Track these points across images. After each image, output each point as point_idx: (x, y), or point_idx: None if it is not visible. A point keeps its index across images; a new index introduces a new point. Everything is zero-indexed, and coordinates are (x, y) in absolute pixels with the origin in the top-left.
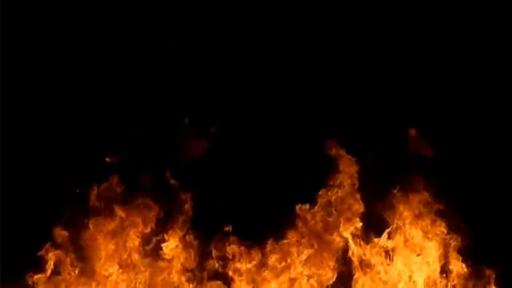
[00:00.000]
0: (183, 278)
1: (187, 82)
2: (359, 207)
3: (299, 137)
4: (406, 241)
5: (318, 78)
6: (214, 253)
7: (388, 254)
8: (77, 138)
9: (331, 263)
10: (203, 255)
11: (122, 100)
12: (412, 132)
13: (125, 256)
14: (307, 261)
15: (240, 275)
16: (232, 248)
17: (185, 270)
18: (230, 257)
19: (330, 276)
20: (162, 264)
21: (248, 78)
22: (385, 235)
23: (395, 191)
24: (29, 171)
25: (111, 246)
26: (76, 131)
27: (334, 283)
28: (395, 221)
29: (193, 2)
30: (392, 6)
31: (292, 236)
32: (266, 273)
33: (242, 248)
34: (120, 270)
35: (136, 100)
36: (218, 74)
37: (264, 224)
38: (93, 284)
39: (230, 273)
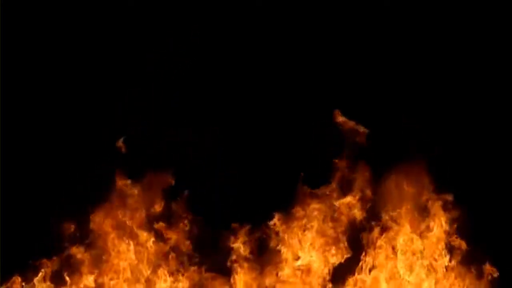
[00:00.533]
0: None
1: (187, 82)
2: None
3: (300, 128)
4: (407, 219)
5: (318, 76)
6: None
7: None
8: (77, 136)
9: (341, 243)
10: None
11: (122, 100)
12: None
13: (132, 243)
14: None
15: (244, 261)
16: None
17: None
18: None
19: (340, 255)
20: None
21: (248, 77)
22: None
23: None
24: (30, 169)
25: (120, 230)
26: (75, 131)
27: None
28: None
29: (193, 2)
30: (392, 6)
31: (298, 212)
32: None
33: (245, 229)
34: (127, 255)
35: (136, 100)
36: (218, 74)
37: (270, 202)
38: (103, 267)
39: (234, 257)
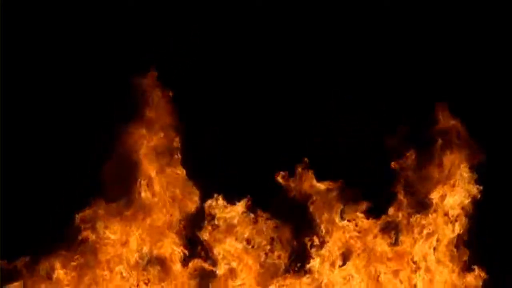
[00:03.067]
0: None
1: (187, 82)
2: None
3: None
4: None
5: (318, 76)
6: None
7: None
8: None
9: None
10: None
11: (123, 100)
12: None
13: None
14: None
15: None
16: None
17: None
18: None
19: None
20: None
21: (248, 77)
22: None
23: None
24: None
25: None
26: (75, 132)
27: None
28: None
29: (193, 2)
30: (392, 6)
31: None
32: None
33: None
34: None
35: (136, 100)
36: (218, 74)
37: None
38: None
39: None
